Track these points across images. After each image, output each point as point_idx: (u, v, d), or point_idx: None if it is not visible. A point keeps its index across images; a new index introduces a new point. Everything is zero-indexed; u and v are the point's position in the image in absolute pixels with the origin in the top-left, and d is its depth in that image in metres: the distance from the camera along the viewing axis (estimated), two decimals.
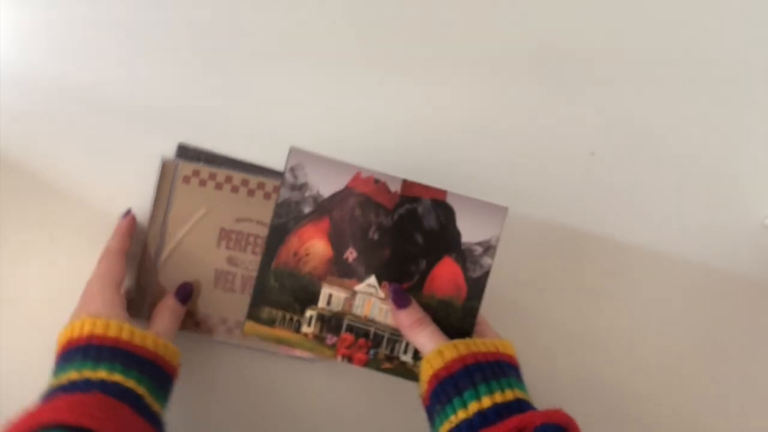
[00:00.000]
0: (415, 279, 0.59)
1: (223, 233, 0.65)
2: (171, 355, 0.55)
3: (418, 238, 0.60)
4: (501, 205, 0.60)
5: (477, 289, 0.59)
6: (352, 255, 0.59)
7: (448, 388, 0.52)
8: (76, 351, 0.51)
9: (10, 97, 0.69)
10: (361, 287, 0.59)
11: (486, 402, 0.50)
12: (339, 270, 0.59)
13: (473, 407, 0.50)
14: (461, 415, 0.51)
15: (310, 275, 0.59)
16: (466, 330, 0.58)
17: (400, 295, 0.58)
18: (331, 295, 0.59)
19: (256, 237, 0.65)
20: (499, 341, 0.56)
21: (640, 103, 0.71)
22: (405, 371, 0.59)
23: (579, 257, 0.70)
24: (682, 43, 0.72)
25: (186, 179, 0.65)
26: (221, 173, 0.65)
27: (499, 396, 0.51)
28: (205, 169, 0.65)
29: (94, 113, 0.68)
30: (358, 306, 0.59)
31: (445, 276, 0.59)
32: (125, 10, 0.69)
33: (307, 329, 0.59)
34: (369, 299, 0.59)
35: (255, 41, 0.70)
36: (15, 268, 0.68)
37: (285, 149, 0.60)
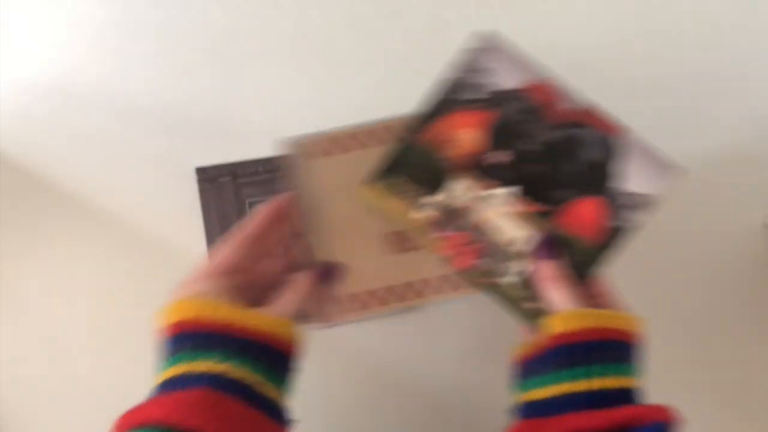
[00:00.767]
0: (554, 205, 0.55)
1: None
2: (290, 334, 0.49)
3: (574, 165, 0.55)
4: (677, 165, 0.54)
5: (613, 239, 0.54)
6: (501, 157, 0.55)
7: (561, 358, 0.49)
8: (186, 337, 0.47)
9: (10, 97, 0.70)
10: (497, 192, 0.55)
11: (596, 383, 0.47)
12: (481, 168, 0.55)
13: (581, 385, 0.47)
14: (565, 387, 0.48)
15: (449, 161, 0.55)
16: (579, 278, 0.53)
17: (546, 247, 0.53)
18: (461, 189, 0.55)
19: None
20: (626, 318, 0.51)
21: (640, 102, 0.71)
22: (501, 294, 0.54)
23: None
24: (681, 42, 0.72)
25: (310, 155, 0.58)
26: (340, 135, 0.58)
27: (612, 380, 0.48)
28: (322, 139, 0.58)
29: (94, 113, 0.69)
30: (485, 211, 0.55)
31: (585, 214, 0.54)
32: (126, 11, 0.70)
33: (421, 214, 0.56)
34: (499, 208, 0.55)
35: (263, 40, 0.71)
36: (15, 268, 0.68)
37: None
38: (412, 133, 0.56)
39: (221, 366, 0.45)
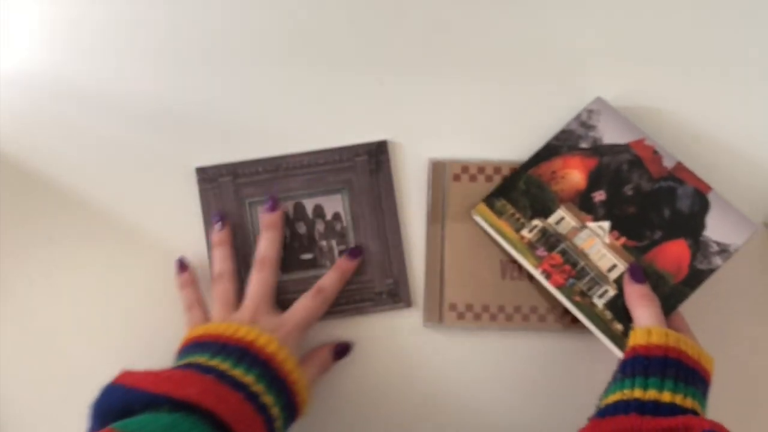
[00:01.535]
0: (644, 243, 0.63)
1: None
2: (304, 398, 0.58)
3: (665, 211, 0.64)
4: (753, 222, 0.62)
5: (696, 278, 0.61)
6: (600, 196, 0.64)
7: (638, 367, 0.53)
8: (232, 348, 0.54)
9: (10, 97, 0.69)
10: (593, 225, 0.64)
11: (666, 396, 0.50)
12: (581, 203, 0.64)
13: (652, 394, 0.51)
14: (637, 394, 0.51)
15: (555, 193, 0.65)
16: (666, 310, 0.60)
17: (638, 271, 0.61)
18: (563, 218, 0.64)
19: None
20: (703, 352, 0.56)
21: (641, 102, 0.71)
22: (590, 313, 0.62)
23: None
24: (682, 42, 0.72)
25: (456, 177, 0.69)
26: (489, 165, 0.69)
27: (680, 399, 0.50)
28: (473, 165, 0.69)
29: (94, 113, 0.70)
30: (581, 239, 0.63)
31: (673, 253, 0.62)
32: (125, 11, 0.71)
33: (527, 234, 0.64)
34: (593, 238, 0.63)
35: (265, 41, 0.71)
36: (15, 268, 0.67)
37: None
38: (527, 168, 0.65)
39: (247, 377, 0.52)
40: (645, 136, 0.66)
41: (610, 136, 0.66)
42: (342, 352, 0.65)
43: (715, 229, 0.62)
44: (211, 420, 0.47)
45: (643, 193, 0.64)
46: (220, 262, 0.64)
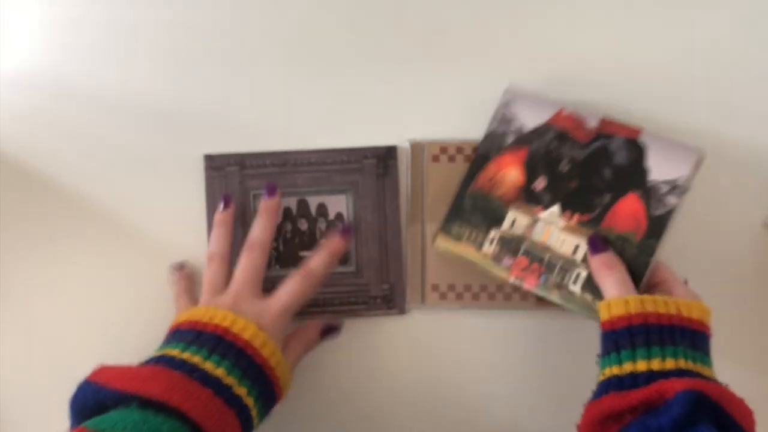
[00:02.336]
0: (596, 212, 0.61)
1: None
2: (285, 381, 0.58)
3: (606, 172, 0.62)
4: (695, 147, 0.58)
5: (657, 226, 0.59)
6: (541, 184, 0.64)
7: (609, 343, 0.53)
8: (207, 337, 0.54)
9: (10, 97, 0.70)
10: (544, 215, 0.63)
11: (641, 366, 0.50)
12: (527, 197, 0.63)
13: (627, 367, 0.50)
14: (615, 370, 0.51)
15: (500, 199, 0.64)
16: (639, 269, 0.58)
17: (596, 241, 0.60)
18: (515, 220, 0.63)
19: None
20: (684, 302, 0.54)
21: (641, 102, 0.70)
22: (572, 302, 0.60)
23: None
24: (681, 41, 0.71)
25: (435, 158, 0.70)
26: (468, 146, 0.69)
27: (657, 363, 0.49)
28: (452, 145, 0.70)
29: (94, 113, 0.70)
30: (538, 233, 0.62)
31: (627, 211, 0.60)
32: (126, 11, 0.71)
33: (488, 249, 0.63)
34: (549, 227, 0.63)
35: (272, 43, 0.71)
36: (15, 268, 0.68)
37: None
38: (466, 185, 0.65)
39: (218, 370, 0.52)
40: (563, 106, 0.64)
41: (532, 120, 0.65)
42: (329, 332, 0.66)
43: (659, 169, 0.60)
44: (180, 416, 0.47)
45: (578, 163, 0.63)
46: (215, 243, 0.65)
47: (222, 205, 0.66)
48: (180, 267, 0.67)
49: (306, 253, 0.71)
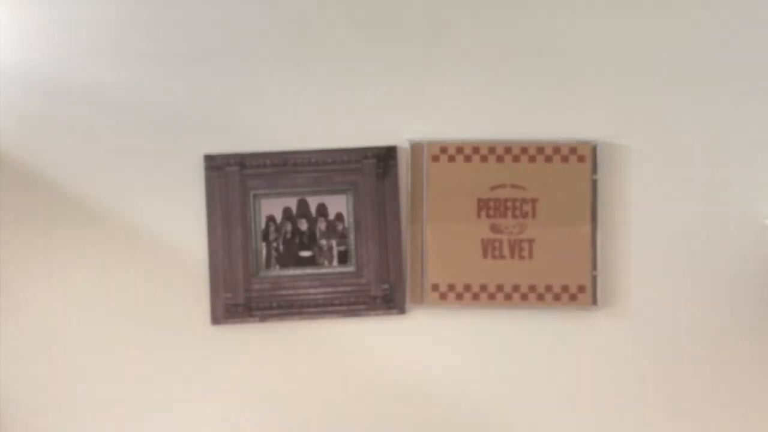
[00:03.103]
0: None
1: (481, 203, 0.70)
2: None
3: None
4: None
5: None
6: None
7: None
8: None
9: (10, 97, 0.70)
10: None
11: None
12: None
13: None
14: None
15: None
16: None
17: None
18: None
19: (514, 201, 0.70)
20: None
21: (642, 102, 0.70)
22: None
23: None
24: (682, 42, 0.70)
25: (435, 158, 0.70)
26: (468, 146, 0.69)
27: None
28: (452, 145, 0.69)
29: (94, 114, 0.70)
30: None
31: None
32: (125, 11, 0.70)
33: None
34: None
35: (273, 44, 0.71)
36: (15, 268, 0.68)
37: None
38: None
39: None
40: None
41: None
42: None
43: None
44: None
45: None
46: None
47: None
48: None
49: (306, 253, 0.71)
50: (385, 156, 0.71)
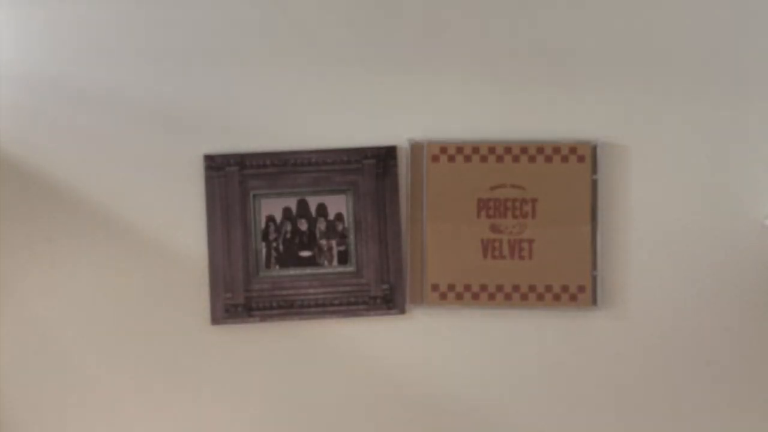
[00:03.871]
0: None
1: (481, 203, 0.71)
2: None
3: None
4: None
5: None
6: None
7: None
8: None
9: (10, 97, 0.70)
10: None
11: None
12: None
13: None
14: None
15: None
16: None
17: None
18: None
19: (514, 201, 0.70)
20: None
21: (642, 102, 0.70)
22: None
23: None
24: (682, 42, 0.70)
25: (435, 158, 0.70)
26: (467, 146, 0.69)
27: None
28: (452, 145, 0.70)
29: (94, 113, 0.70)
30: None
31: None
32: (125, 11, 0.70)
33: None
34: None
35: (273, 43, 0.71)
36: (15, 268, 0.68)
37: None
38: None
39: None
40: None
41: None
42: None
43: None
44: None
45: None
46: None
47: None
48: None
49: (306, 253, 0.71)
50: (385, 156, 0.71)
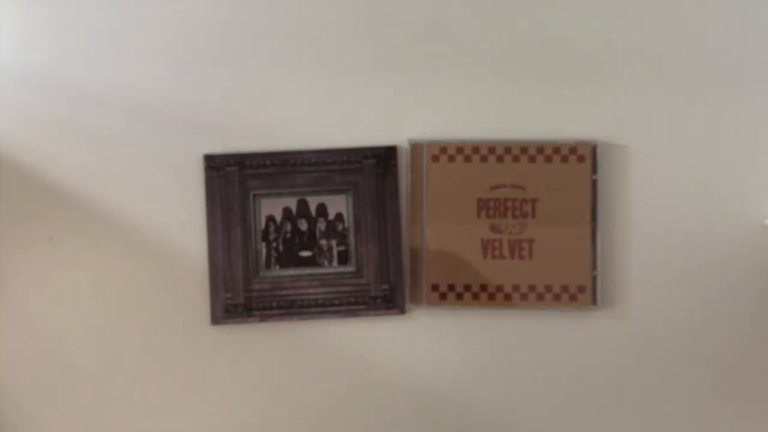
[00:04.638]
0: None
1: (481, 203, 0.71)
2: None
3: None
4: None
5: None
6: None
7: None
8: None
9: (10, 97, 0.69)
10: None
11: None
12: None
13: None
14: None
15: None
16: None
17: None
18: None
19: (514, 201, 0.71)
20: None
21: (642, 102, 0.70)
22: None
23: None
24: (683, 42, 0.70)
25: (435, 158, 0.70)
26: (467, 146, 0.70)
27: None
28: (452, 145, 0.70)
29: (94, 113, 0.70)
30: None
31: None
32: (125, 11, 0.70)
33: None
34: None
35: (272, 43, 0.71)
36: (15, 268, 0.68)
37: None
38: None
39: None
40: None
41: None
42: None
43: None
44: None
45: None
46: None
47: None
48: None
49: (306, 253, 0.71)
50: (385, 156, 0.71)
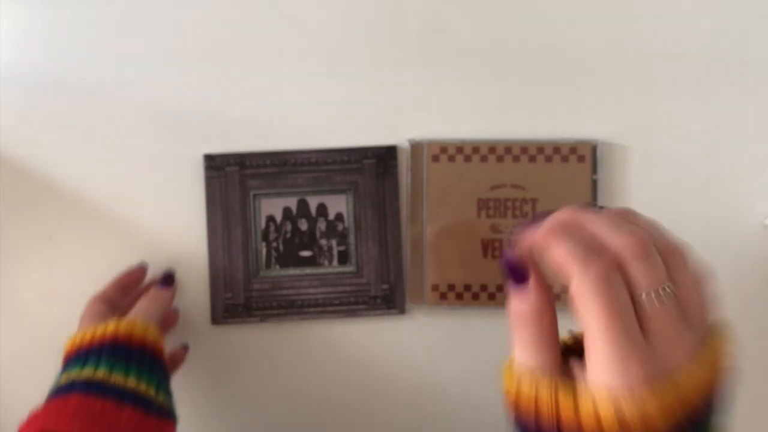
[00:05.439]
0: None
1: (481, 203, 0.71)
2: (142, 331, 0.58)
3: None
4: None
5: None
6: None
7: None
8: (75, 356, 0.57)
9: (10, 97, 0.70)
10: None
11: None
12: None
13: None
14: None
15: None
16: None
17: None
18: None
19: (514, 201, 0.71)
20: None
21: (642, 102, 0.70)
22: None
23: None
24: (682, 41, 0.70)
25: (435, 158, 0.71)
26: (467, 146, 0.71)
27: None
28: (452, 145, 0.71)
29: (94, 113, 0.70)
30: None
31: None
32: (125, 11, 0.70)
33: None
34: None
35: (271, 42, 0.71)
36: (15, 268, 0.69)
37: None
38: None
39: (97, 372, 0.53)
40: None
41: None
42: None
43: None
44: None
45: None
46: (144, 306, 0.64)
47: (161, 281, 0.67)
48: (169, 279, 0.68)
49: (306, 253, 0.72)
50: (385, 156, 0.71)
